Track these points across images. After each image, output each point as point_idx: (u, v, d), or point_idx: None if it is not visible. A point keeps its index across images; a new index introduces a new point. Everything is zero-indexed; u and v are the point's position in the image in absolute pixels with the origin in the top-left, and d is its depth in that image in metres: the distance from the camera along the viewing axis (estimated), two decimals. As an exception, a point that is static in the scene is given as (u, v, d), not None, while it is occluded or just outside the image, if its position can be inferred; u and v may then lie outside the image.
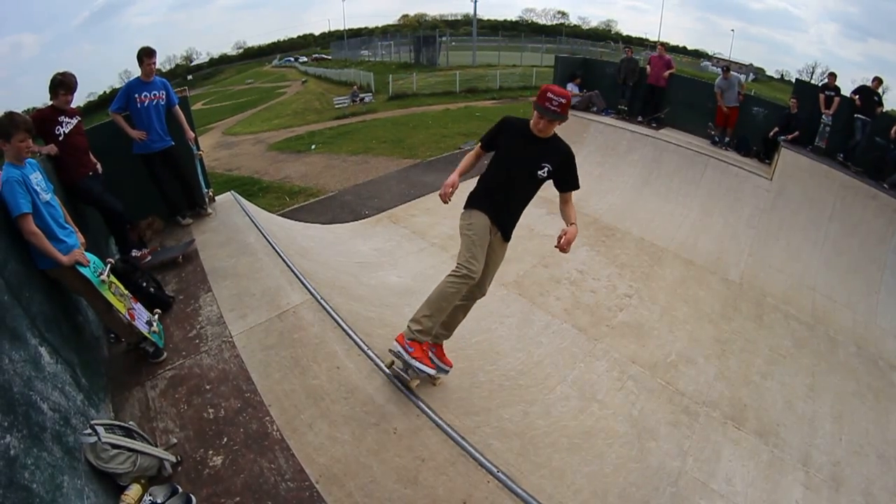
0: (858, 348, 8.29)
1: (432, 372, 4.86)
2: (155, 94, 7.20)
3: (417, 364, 4.70)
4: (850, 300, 9.31)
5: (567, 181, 4.77)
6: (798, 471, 5.81)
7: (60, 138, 5.84)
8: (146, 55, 7.06)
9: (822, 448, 6.21)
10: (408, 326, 4.75)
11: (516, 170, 4.73)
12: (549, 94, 4.39)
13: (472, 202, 4.86)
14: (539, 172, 4.65)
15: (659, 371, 6.95)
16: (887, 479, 5.98)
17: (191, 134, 7.87)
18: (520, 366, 6.55)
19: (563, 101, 4.38)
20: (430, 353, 4.97)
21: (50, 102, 5.87)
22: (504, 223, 4.86)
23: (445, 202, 4.80)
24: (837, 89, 12.39)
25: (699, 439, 5.94)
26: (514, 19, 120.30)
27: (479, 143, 4.98)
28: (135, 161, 7.23)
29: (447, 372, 5.38)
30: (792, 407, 6.79)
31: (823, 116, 12.30)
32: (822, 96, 12.44)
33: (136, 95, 7.05)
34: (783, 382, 7.20)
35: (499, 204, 4.78)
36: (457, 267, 4.61)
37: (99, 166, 6.44)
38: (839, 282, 9.64)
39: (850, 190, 10.68)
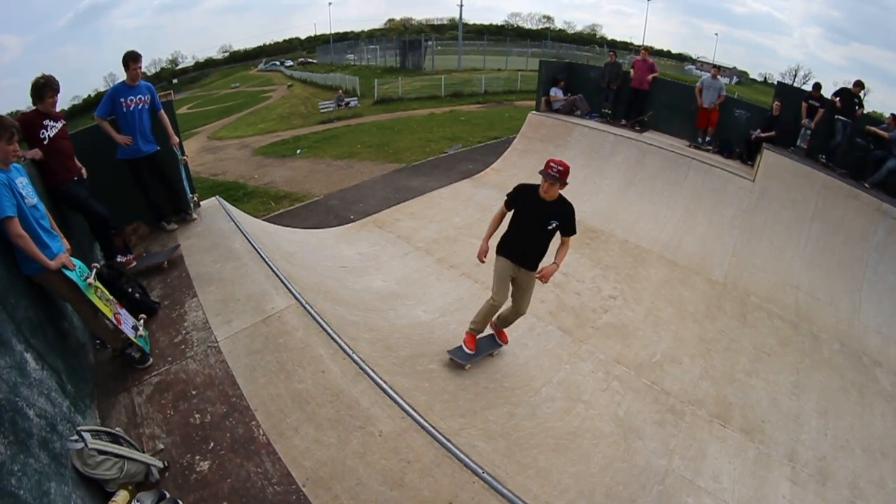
0: (842, 345, 8.39)
1: (470, 352, 6.34)
2: (140, 99, 7.15)
3: (464, 347, 6.34)
4: (833, 298, 9.41)
5: (567, 229, 5.71)
6: (784, 466, 5.88)
7: (45, 142, 5.79)
8: (132, 59, 7.00)
9: (808, 444, 6.29)
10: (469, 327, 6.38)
11: (529, 227, 5.76)
12: (551, 163, 5.37)
13: (500, 250, 5.98)
14: (548, 227, 5.66)
15: (644, 371, 7.00)
16: (873, 472, 6.07)
17: (175, 139, 7.83)
18: (505, 368, 6.59)
19: (562, 168, 5.33)
20: (479, 338, 6.54)
21: (33, 107, 5.83)
22: (525, 263, 5.89)
23: (483, 262, 6.01)
24: (822, 99, 12.44)
25: (685, 438, 6.00)
26: (499, 24, 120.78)
27: (504, 205, 5.94)
28: (120, 166, 7.19)
29: (500, 346, 6.82)
30: (777, 404, 6.86)
31: (805, 119, 12.39)
32: (804, 104, 12.52)
33: (122, 100, 7.00)
34: (768, 380, 7.28)
35: (518, 252, 5.87)
36: (491, 296, 5.98)
37: (84, 171, 6.40)
38: (822, 280, 9.74)
39: (832, 190, 10.78)
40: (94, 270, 4.95)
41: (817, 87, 12.84)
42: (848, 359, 8.10)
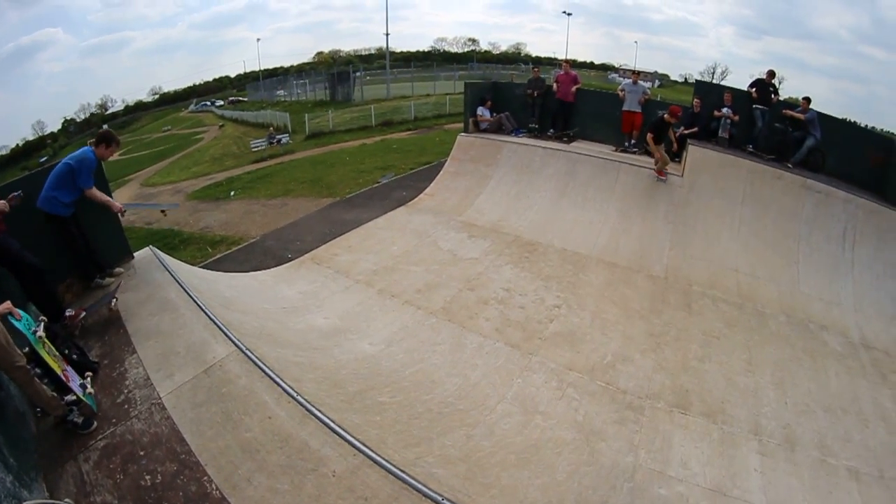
0: (788, 317, 8.72)
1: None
2: None
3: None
4: (772, 274, 9.79)
5: None
6: (751, 441, 6.05)
7: None
8: (116, 144, 7.15)
9: (770, 415, 6.49)
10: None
11: None
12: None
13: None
14: None
15: (597, 374, 7.04)
16: (838, 429, 6.34)
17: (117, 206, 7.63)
18: (457, 391, 6.55)
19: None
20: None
21: None
22: None
23: None
24: (732, 108, 12.96)
25: (648, 431, 6.08)
26: (426, 50, 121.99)
27: None
28: (42, 224, 6.92)
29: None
30: (733, 383, 7.04)
31: (725, 109, 12.81)
32: (716, 112, 13.09)
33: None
34: (721, 362, 7.46)
35: None
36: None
37: (10, 201, 6.07)
38: (759, 259, 10.11)
39: (757, 174, 11.23)
40: (42, 322, 4.77)
41: (727, 98, 13.24)
42: (795, 328, 8.42)
